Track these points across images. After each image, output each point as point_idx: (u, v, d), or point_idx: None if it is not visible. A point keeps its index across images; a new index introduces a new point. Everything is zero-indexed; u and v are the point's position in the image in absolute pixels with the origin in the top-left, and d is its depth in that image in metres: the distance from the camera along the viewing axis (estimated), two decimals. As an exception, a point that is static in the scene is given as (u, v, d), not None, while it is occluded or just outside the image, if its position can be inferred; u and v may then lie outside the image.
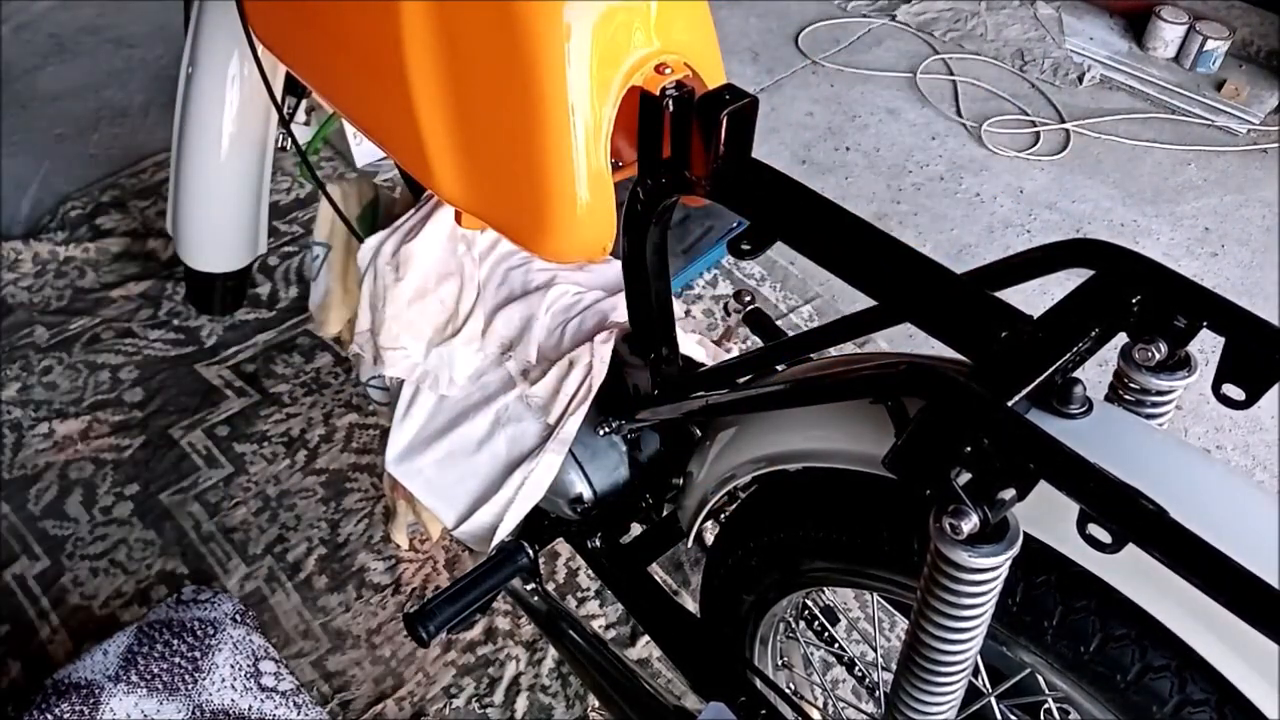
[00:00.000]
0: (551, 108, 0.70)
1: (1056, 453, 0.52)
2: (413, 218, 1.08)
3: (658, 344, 0.91)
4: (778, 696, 0.94)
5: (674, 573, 1.45)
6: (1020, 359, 0.59)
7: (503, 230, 0.83)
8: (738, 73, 2.46)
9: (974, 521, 0.55)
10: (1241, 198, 2.17)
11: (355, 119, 0.94)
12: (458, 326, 1.07)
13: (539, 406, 1.01)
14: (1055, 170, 2.22)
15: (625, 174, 0.79)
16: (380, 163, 2.09)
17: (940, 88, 2.45)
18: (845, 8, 2.71)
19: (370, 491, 1.54)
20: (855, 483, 0.74)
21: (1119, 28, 2.63)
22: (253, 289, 1.84)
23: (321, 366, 1.72)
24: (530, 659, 1.36)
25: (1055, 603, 0.63)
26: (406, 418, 1.08)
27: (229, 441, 1.61)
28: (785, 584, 0.85)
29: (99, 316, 1.79)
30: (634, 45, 0.71)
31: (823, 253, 0.68)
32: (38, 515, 1.50)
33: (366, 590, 1.43)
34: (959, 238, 2.05)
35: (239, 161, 1.26)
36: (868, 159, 2.24)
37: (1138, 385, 0.64)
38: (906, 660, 0.65)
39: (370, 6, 0.77)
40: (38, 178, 2.09)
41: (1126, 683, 0.60)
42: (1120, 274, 0.64)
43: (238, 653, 1.24)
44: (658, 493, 1.07)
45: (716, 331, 1.79)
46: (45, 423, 1.62)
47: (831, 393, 0.71)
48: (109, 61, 2.44)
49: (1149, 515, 0.49)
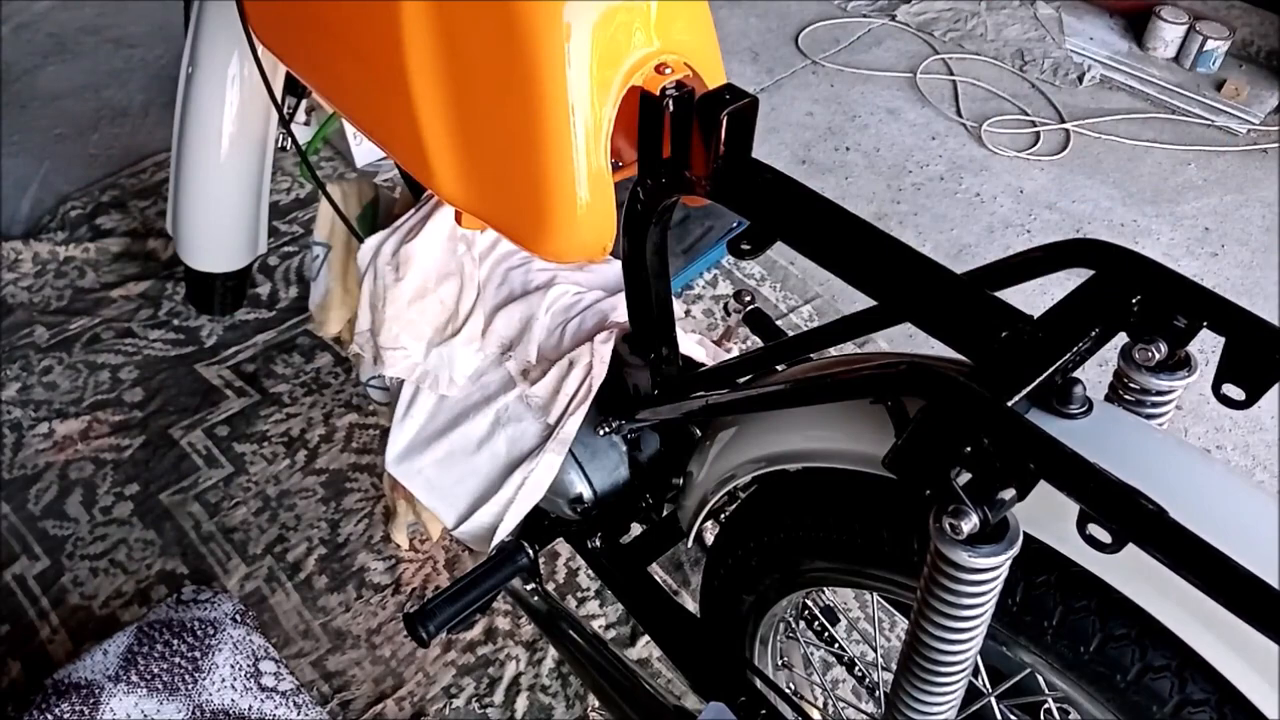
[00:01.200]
0: (551, 108, 0.70)
1: (1056, 453, 0.52)
2: (413, 218, 1.08)
3: (658, 344, 0.91)
4: (778, 696, 0.94)
5: (674, 573, 1.45)
6: (1020, 359, 0.59)
7: (503, 230, 0.83)
8: (738, 73, 2.46)
9: (974, 521, 0.55)
10: (1241, 198, 2.17)
11: (355, 119, 0.94)
12: (458, 326, 1.07)
13: (539, 406, 1.01)
14: (1055, 170, 2.23)
15: (625, 174, 0.79)
16: (380, 163, 2.09)
17: (940, 88, 2.45)
18: (845, 8, 2.71)
19: (370, 491, 1.54)
20: (855, 483, 0.74)
21: (1119, 28, 2.63)
22: (253, 289, 1.84)
23: (321, 366, 1.72)
24: (530, 659, 1.36)
25: (1055, 603, 0.63)
26: (406, 418, 1.08)
27: (229, 441, 1.61)
28: (785, 584, 0.85)
29: (99, 316, 1.79)
30: (634, 45, 0.71)
31: (823, 253, 0.68)
32: (38, 515, 1.50)
33: (366, 590, 1.43)
34: (959, 238, 2.05)
35: (239, 161, 1.26)
36: (868, 159, 2.24)
37: (1138, 385, 0.64)
38: (906, 660, 0.65)
39: (370, 7, 0.77)
40: (38, 178, 2.09)
41: (1126, 683, 0.60)
42: (1120, 274, 0.64)
43: (238, 653, 1.24)
44: (658, 493, 1.07)
45: (716, 331, 1.79)
46: (45, 423, 1.62)
47: (831, 393, 0.71)
48: (109, 61, 2.44)
49: (1149, 515, 0.49)
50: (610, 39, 0.70)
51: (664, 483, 1.06)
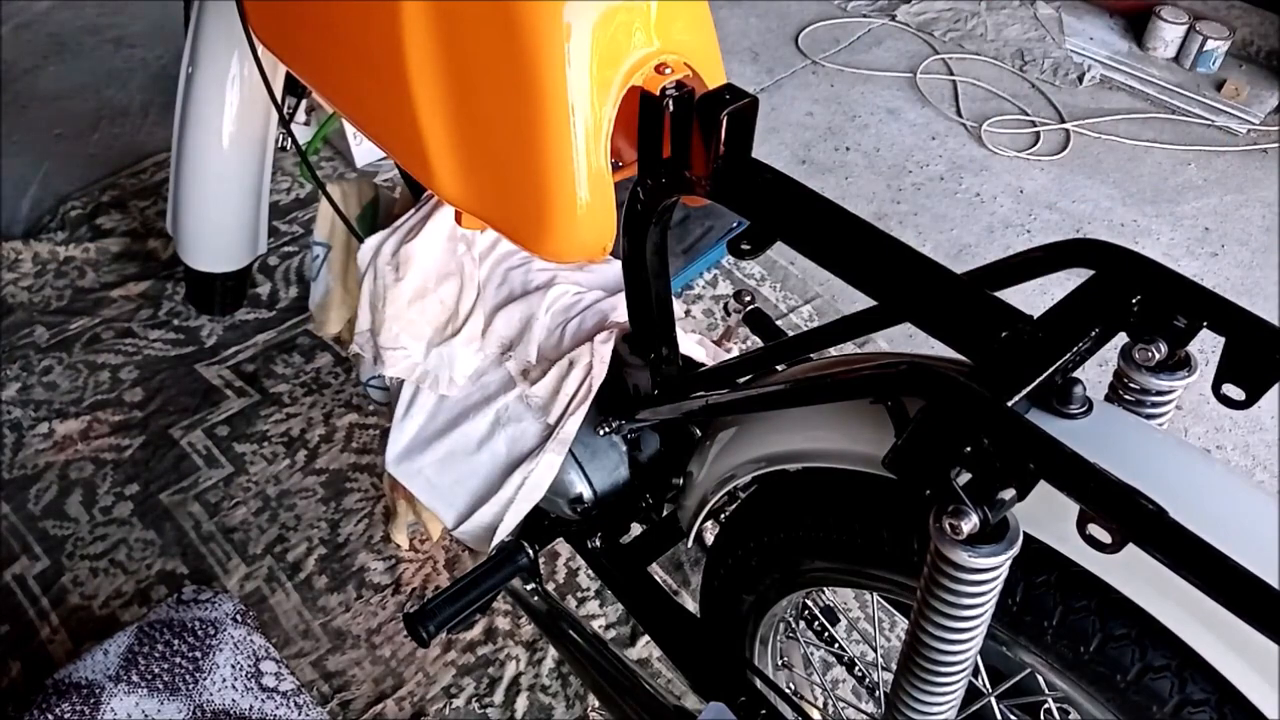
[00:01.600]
0: (552, 108, 0.70)
1: (1056, 453, 0.52)
2: (413, 218, 1.08)
3: (658, 344, 0.91)
4: (778, 696, 0.94)
5: (674, 573, 1.45)
6: (1020, 359, 0.59)
7: (503, 230, 0.83)
8: (738, 73, 2.46)
9: (974, 521, 0.55)
10: (1241, 198, 2.17)
11: (355, 119, 0.94)
12: (458, 326, 1.07)
13: (539, 406, 1.01)
14: (1055, 170, 2.22)
15: (625, 174, 0.79)
16: (380, 163, 2.09)
17: (940, 88, 2.45)
18: (845, 8, 2.71)
19: (370, 491, 1.54)
20: (855, 483, 0.74)
21: (1119, 28, 2.63)
22: (253, 289, 1.84)
23: (321, 366, 1.72)
24: (530, 659, 1.36)
25: (1055, 603, 0.63)
26: (406, 418, 1.08)
27: (229, 441, 1.61)
28: (785, 584, 0.85)
29: (99, 316, 1.79)
30: (634, 45, 0.71)
31: (823, 253, 0.68)
32: (38, 515, 1.50)
33: (366, 590, 1.43)
34: (959, 238, 2.05)
35: (239, 161, 1.26)
36: (868, 159, 2.24)
37: (1138, 385, 0.64)
38: (906, 660, 0.65)
39: (370, 7, 0.77)
40: (38, 178, 2.09)
41: (1126, 683, 0.60)
42: (1120, 274, 0.64)
43: (238, 653, 1.24)
44: (658, 493, 1.07)
45: (716, 331, 1.79)
46: (45, 423, 1.62)
47: (831, 393, 0.71)
48: (109, 61, 2.44)
49: (1149, 515, 0.49)
50: (610, 39, 0.70)
51: (664, 483, 1.06)
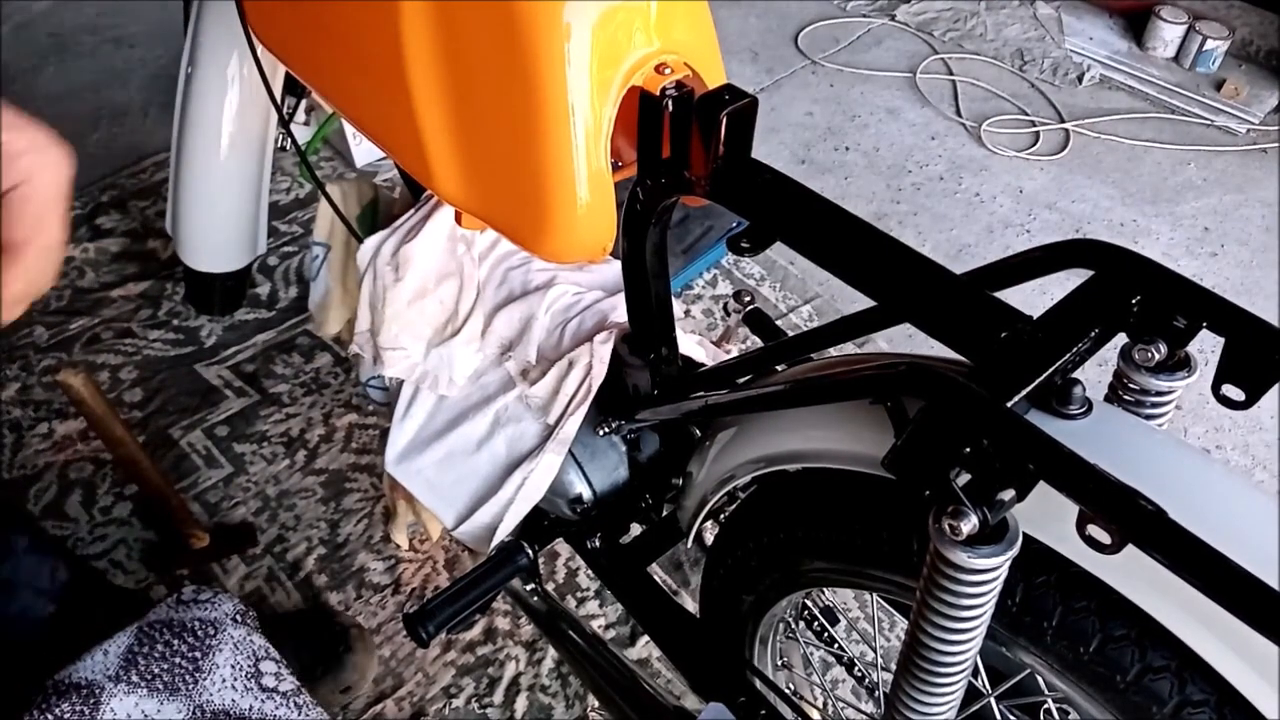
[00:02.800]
0: (551, 108, 0.70)
1: (1056, 453, 0.52)
2: (412, 218, 1.08)
3: (657, 344, 0.91)
4: (777, 696, 0.94)
5: (674, 573, 1.45)
6: (1020, 359, 0.59)
7: (503, 230, 0.83)
8: (738, 73, 2.46)
9: (973, 522, 0.55)
10: (1241, 198, 2.17)
11: (355, 119, 0.94)
12: (457, 327, 1.07)
13: (539, 407, 1.01)
14: (1055, 170, 2.22)
15: (625, 174, 0.79)
16: (380, 163, 2.09)
17: (940, 88, 2.45)
18: (845, 8, 2.71)
19: (370, 491, 1.54)
20: (855, 483, 0.74)
21: (1119, 27, 2.63)
22: (253, 289, 1.84)
23: (321, 366, 1.72)
24: (530, 659, 1.36)
25: (1055, 603, 0.62)
26: (406, 418, 1.08)
27: (229, 441, 1.61)
28: (785, 584, 0.85)
29: (99, 316, 1.79)
30: (634, 45, 0.71)
31: (822, 253, 0.68)
32: (38, 515, 1.50)
33: (366, 590, 1.43)
34: (959, 238, 2.05)
35: (239, 161, 1.26)
36: (867, 159, 2.24)
37: (1137, 386, 0.64)
38: (906, 660, 0.65)
39: (370, 7, 0.77)
40: (37, 178, 2.09)
41: (1126, 683, 0.60)
42: (1120, 274, 0.64)
43: (238, 653, 1.24)
44: (657, 493, 1.07)
45: (716, 331, 1.79)
46: (45, 423, 1.62)
47: (831, 393, 0.71)
48: (109, 61, 2.44)
49: (1148, 516, 0.49)
50: (610, 39, 0.70)
51: (664, 483, 1.06)
